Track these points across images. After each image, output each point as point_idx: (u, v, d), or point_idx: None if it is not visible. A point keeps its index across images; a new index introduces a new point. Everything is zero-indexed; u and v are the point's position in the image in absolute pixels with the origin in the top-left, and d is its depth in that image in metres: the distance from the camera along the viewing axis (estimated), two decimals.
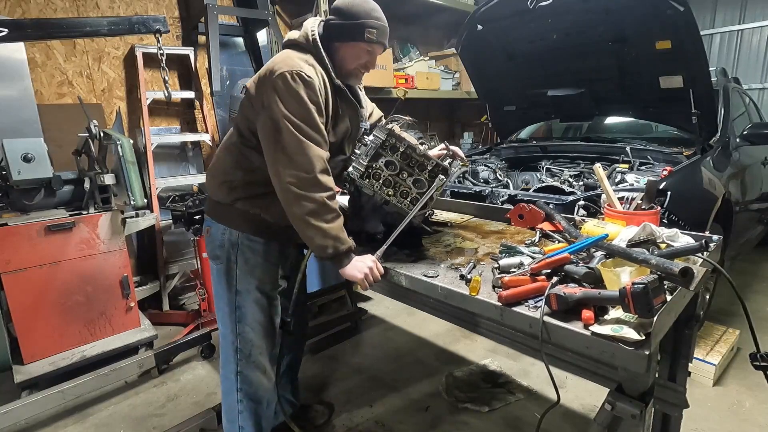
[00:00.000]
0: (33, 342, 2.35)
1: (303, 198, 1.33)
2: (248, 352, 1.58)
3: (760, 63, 6.07)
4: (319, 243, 1.36)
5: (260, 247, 1.54)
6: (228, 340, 1.59)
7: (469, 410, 2.19)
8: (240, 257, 1.53)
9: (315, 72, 1.41)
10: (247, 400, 1.61)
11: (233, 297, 1.55)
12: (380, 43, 1.51)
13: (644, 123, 3.30)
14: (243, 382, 1.59)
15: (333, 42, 1.50)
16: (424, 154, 1.53)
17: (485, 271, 1.34)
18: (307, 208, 1.33)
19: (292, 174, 1.33)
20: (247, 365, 1.59)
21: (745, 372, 2.41)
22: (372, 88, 3.92)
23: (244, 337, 1.57)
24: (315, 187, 1.34)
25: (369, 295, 3.54)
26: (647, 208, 1.52)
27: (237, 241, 1.53)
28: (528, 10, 2.67)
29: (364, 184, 1.50)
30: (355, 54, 1.51)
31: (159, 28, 2.52)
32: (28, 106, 2.76)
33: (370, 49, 1.50)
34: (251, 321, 1.57)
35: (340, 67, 1.52)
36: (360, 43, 1.48)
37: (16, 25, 2.23)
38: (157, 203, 3.24)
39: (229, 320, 1.57)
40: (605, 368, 1.09)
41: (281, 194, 1.38)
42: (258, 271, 1.55)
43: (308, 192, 1.33)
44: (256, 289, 1.56)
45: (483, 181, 2.98)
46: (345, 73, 1.54)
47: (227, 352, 1.60)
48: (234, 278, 1.54)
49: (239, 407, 1.61)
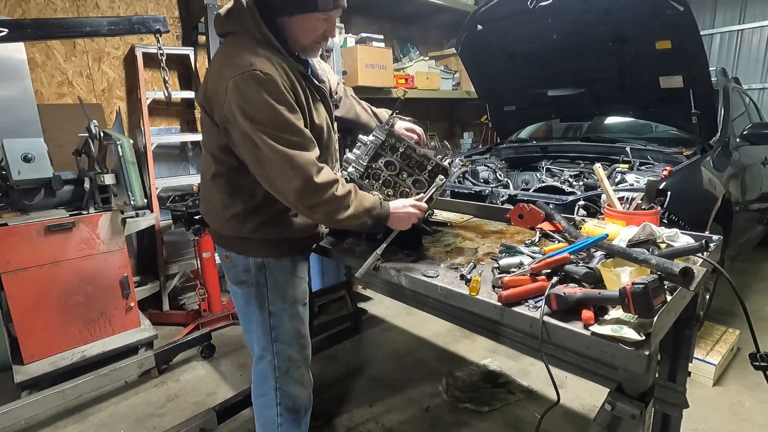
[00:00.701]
0: (33, 342, 2.35)
1: (315, 206, 1.28)
2: (286, 369, 1.53)
3: (760, 63, 6.07)
4: (356, 224, 1.34)
5: (288, 264, 1.48)
6: (265, 360, 1.52)
7: (469, 410, 2.19)
8: (270, 279, 1.45)
9: (271, 63, 1.21)
10: (286, 413, 1.56)
11: (267, 319, 1.48)
12: (338, 6, 1.26)
13: (644, 123, 3.30)
14: (282, 396, 1.55)
15: (277, 18, 1.26)
16: (424, 154, 1.53)
17: (485, 271, 1.34)
18: (325, 211, 1.29)
19: (290, 190, 1.24)
20: (286, 381, 1.54)
21: (745, 372, 2.41)
22: (372, 88, 3.93)
23: (281, 355, 1.52)
24: (319, 191, 1.26)
25: (369, 295, 3.55)
26: (647, 208, 1.52)
27: (263, 263, 1.43)
28: (528, 10, 2.66)
29: (363, 184, 1.50)
30: (310, 26, 1.27)
31: (159, 28, 2.52)
32: (28, 106, 2.75)
33: (326, 17, 1.26)
34: (287, 338, 1.51)
35: (294, 45, 1.30)
36: (314, 13, 1.23)
37: (16, 25, 2.23)
38: (157, 203, 3.24)
39: (264, 341, 1.50)
40: (605, 368, 1.09)
41: (294, 209, 1.35)
42: (290, 288, 1.50)
43: (316, 198, 1.26)
44: (291, 306, 1.50)
45: (483, 181, 2.98)
46: (300, 50, 1.33)
47: (264, 371, 1.54)
48: (266, 300, 1.47)
49: (279, 420, 1.56)
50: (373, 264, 1.37)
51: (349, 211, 1.30)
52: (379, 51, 3.98)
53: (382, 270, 1.43)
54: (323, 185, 1.26)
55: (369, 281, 2.28)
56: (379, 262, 1.45)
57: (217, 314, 3.10)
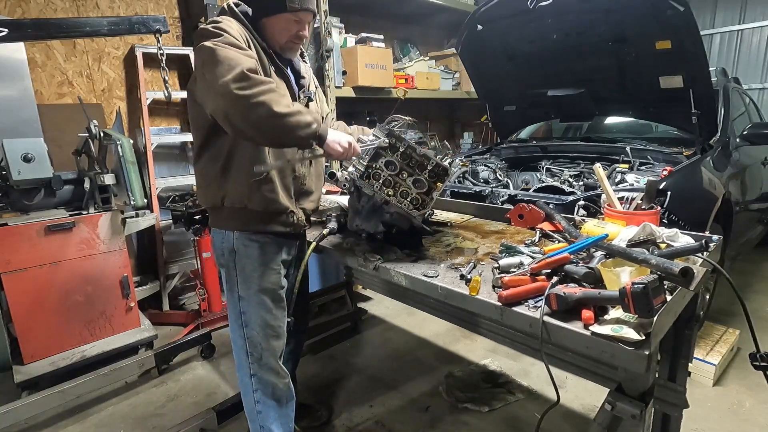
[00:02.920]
0: (33, 342, 2.34)
1: (252, 96, 1.19)
2: (259, 355, 1.58)
3: (760, 63, 6.07)
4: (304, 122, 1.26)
5: (255, 252, 1.53)
6: (238, 345, 1.60)
7: (469, 410, 2.19)
8: (238, 263, 1.53)
9: (232, 24, 1.36)
10: (264, 401, 1.62)
11: (237, 303, 1.56)
12: (305, 9, 1.44)
13: (644, 123, 3.30)
14: (258, 383, 1.60)
15: (260, 19, 1.45)
16: (424, 154, 1.53)
17: (485, 271, 1.34)
18: (264, 100, 1.20)
19: (226, 82, 1.18)
20: (260, 368, 1.59)
21: (745, 372, 2.41)
22: (372, 88, 3.93)
23: (253, 341, 1.57)
24: (254, 79, 1.21)
25: (369, 295, 3.55)
26: (647, 208, 1.52)
27: (233, 247, 1.52)
28: (528, 10, 2.67)
29: (364, 184, 1.50)
30: (283, 26, 1.45)
31: (159, 28, 2.52)
32: (28, 106, 2.75)
33: (296, 18, 1.44)
34: (256, 325, 1.56)
35: (274, 43, 1.48)
36: (284, 13, 1.42)
37: (16, 25, 2.23)
38: (157, 203, 3.24)
39: (236, 325, 1.58)
40: (605, 368, 1.10)
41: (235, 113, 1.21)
42: (256, 275, 1.54)
43: (252, 86, 1.20)
44: (257, 293, 1.55)
45: (483, 181, 2.98)
46: (280, 49, 1.49)
47: (239, 356, 1.61)
48: (235, 284, 1.55)
49: (257, 408, 1.62)
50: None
51: (291, 108, 1.25)
52: (379, 51, 3.98)
53: (381, 270, 1.43)
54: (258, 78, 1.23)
55: (369, 281, 2.28)
56: (378, 262, 1.45)
57: (217, 314, 3.10)
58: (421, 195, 1.52)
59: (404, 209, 1.49)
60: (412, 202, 1.50)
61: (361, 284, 3.34)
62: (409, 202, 1.50)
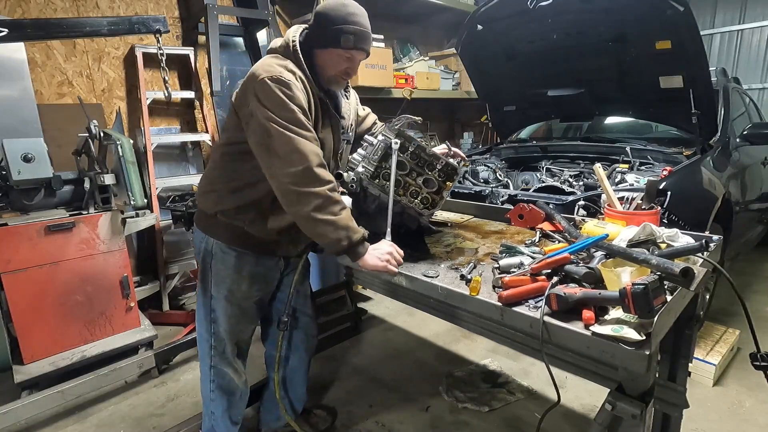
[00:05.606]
0: (33, 342, 2.34)
1: (305, 195, 1.32)
2: (222, 350, 1.67)
3: (760, 63, 6.07)
4: (332, 237, 1.34)
5: (232, 260, 1.57)
6: (203, 338, 1.68)
7: (469, 410, 2.19)
8: (213, 266, 1.58)
9: (295, 77, 1.41)
10: (219, 391, 1.71)
11: (208, 300, 1.62)
12: (359, 48, 1.47)
13: (644, 123, 3.30)
14: (216, 375, 1.69)
15: (313, 49, 1.49)
16: (434, 153, 1.53)
17: (485, 271, 1.34)
18: (311, 204, 1.32)
19: (288, 173, 1.32)
20: (221, 361, 1.68)
21: (745, 372, 2.42)
22: (372, 88, 3.93)
23: (218, 337, 1.65)
24: (315, 181, 1.33)
25: (369, 295, 3.54)
26: (647, 208, 1.52)
27: (211, 250, 1.57)
28: (528, 10, 2.66)
29: (373, 184, 1.50)
30: (334, 61, 1.48)
31: (159, 28, 2.52)
32: (28, 106, 2.75)
33: (348, 55, 1.47)
34: (223, 324, 1.63)
35: (321, 74, 1.51)
36: (337, 49, 1.45)
37: (16, 25, 2.23)
38: (157, 203, 3.24)
39: (205, 321, 1.65)
40: (605, 368, 1.09)
41: (283, 198, 1.37)
42: (228, 281, 1.59)
43: (309, 188, 1.32)
44: (225, 299, 1.60)
45: (483, 181, 2.98)
46: (326, 80, 1.52)
47: (203, 348, 1.69)
48: (209, 283, 1.60)
49: (211, 396, 1.72)
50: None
51: (332, 217, 1.34)
52: (379, 51, 3.98)
53: None
54: (320, 178, 1.34)
55: (369, 281, 2.27)
56: None
57: None
58: (432, 194, 1.52)
59: (415, 209, 1.50)
60: (423, 202, 1.51)
61: (361, 284, 3.33)
62: (420, 202, 1.51)
